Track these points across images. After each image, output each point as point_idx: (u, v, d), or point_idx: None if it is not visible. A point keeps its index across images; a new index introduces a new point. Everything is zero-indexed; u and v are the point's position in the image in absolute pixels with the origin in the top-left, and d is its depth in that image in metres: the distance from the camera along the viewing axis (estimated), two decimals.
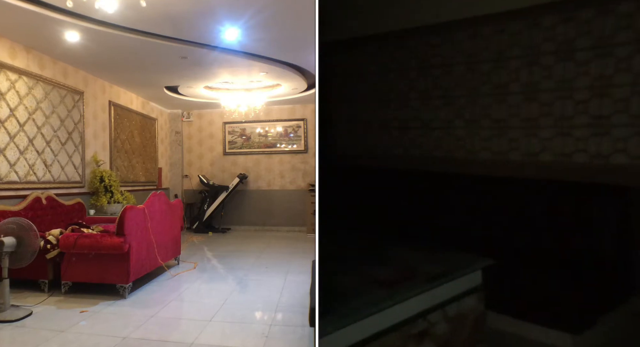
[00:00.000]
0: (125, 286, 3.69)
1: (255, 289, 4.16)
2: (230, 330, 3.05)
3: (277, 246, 6.65)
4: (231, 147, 8.66)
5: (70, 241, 3.71)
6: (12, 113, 4.31)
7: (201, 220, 8.00)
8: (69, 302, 3.57)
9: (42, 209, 4.52)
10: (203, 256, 5.86)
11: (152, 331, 2.97)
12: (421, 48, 3.16)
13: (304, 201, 8.02)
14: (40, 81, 4.74)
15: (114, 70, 5.66)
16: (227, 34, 4.33)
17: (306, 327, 2.99)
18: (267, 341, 2.81)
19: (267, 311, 3.46)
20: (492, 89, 2.88)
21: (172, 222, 4.87)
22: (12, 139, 4.31)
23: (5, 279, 3.19)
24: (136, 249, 3.82)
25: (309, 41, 4.50)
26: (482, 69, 2.91)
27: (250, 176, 8.47)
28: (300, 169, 8.38)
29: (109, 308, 3.44)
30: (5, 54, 4.26)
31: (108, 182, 5.65)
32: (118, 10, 3.39)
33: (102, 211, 5.49)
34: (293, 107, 8.34)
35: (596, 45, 2.50)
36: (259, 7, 3.71)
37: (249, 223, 8.44)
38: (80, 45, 4.51)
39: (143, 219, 4.03)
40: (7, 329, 2.96)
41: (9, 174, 4.27)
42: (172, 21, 4.00)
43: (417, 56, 3.19)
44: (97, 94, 5.98)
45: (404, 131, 3.31)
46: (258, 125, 8.51)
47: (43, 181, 4.77)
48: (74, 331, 2.94)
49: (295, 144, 8.45)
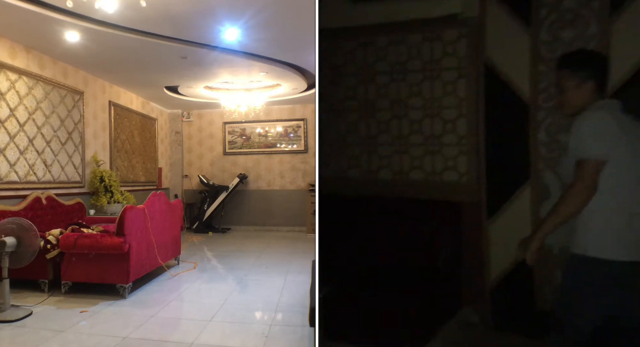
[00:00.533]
0: (125, 286, 3.69)
1: (255, 289, 4.16)
2: (230, 330, 3.05)
3: (277, 246, 6.65)
4: (231, 147, 8.65)
5: (70, 241, 3.71)
6: (12, 113, 4.31)
7: (201, 220, 8.00)
8: (69, 302, 3.57)
9: (42, 209, 4.52)
10: (203, 256, 5.86)
11: (152, 331, 2.97)
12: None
13: (304, 201, 8.02)
14: (40, 81, 4.73)
15: (114, 70, 5.66)
16: (227, 34, 4.33)
17: (306, 327, 2.99)
18: (267, 341, 2.81)
19: (267, 311, 3.46)
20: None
21: (172, 222, 4.87)
22: (12, 139, 4.31)
23: (5, 279, 3.19)
24: (136, 249, 3.81)
25: (309, 41, 4.50)
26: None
27: (250, 176, 8.47)
28: (300, 169, 8.38)
29: (109, 308, 3.44)
30: (5, 54, 4.26)
31: (108, 182, 5.65)
32: (118, 10, 3.39)
33: (102, 211, 5.49)
34: (293, 107, 8.34)
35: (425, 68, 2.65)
36: (259, 7, 3.70)
37: (249, 223, 8.44)
38: (80, 45, 4.51)
39: (143, 219, 4.03)
40: (7, 329, 2.96)
41: (9, 174, 4.27)
42: (172, 21, 3.99)
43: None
44: (97, 94, 5.98)
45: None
46: (258, 125, 8.51)
47: (43, 181, 4.77)
48: (74, 331, 2.94)
49: (295, 144, 8.45)
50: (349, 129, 2.91)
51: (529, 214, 2.44)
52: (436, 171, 2.67)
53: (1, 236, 3.15)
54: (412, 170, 2.74)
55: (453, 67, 2.60)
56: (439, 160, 2.67)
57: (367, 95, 2.84)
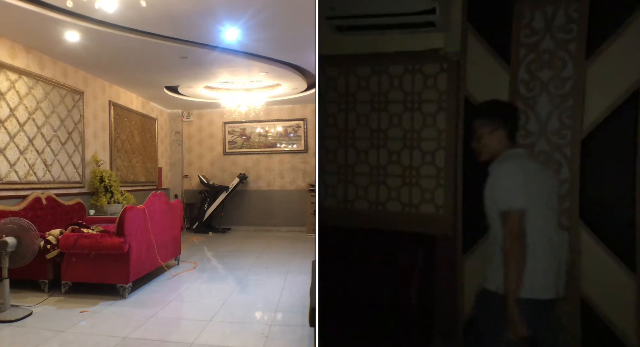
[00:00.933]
0: (125, 286, 3.69)
1: (255, 289, 4.16)
2: (230, 330, 3.05)
3: (277, 246, 6.65)
4: (231, 147, 8.65)
5: (70, 241, 3.71)
6: (12, 113, 4.31)
7: (201, 220, 8.00)
8: (69, 302, 3.57)
9: (42, 209, 4.52)
10: (203, 256, 5.86)
11: (152, 331, 2.97)
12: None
13: (304, 201, 8.02)
14: (40, 81, 4.73)
15: (114, 70, 5.66)
16: (227, 34, 4.33)
17: (306, 327, 2.99)
18: (267, 341, 2.81)
19: (267, 311, 3.46)
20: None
21: (172, 222, 4.87)
22: (12, 139, 4.31)
23: (5, 279, 3.19)
24: (136, 249, 3.81)
25: (309, 41, 4.50)
26: None
27: (250, 176, 8.47)
28: (300, 169, 8.38)
29: (108, 308, 3.44)
30: (5, 54, 4.26)
31: (108, 182, 5.65)
32: (118, 10, 3.39)
33: (102, 211, 5.49)
34: (293, 107, 8.34)
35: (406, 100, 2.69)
36: (259, 7, 3.70)
37: (249, 223, 8.44)
38: (80, 45, 4.51)
39: (143, 219, 4.03)
40: (7, 329, 2.96)
41: (9, 174, 4.27)
42: (172, 21, 3.99)
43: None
44: (97, 94, 5.98)
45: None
46: (258, 125, 8.51)
47: (43, 181, 4.77)
48: (74, 331, 2.94)
49: (295, 144, 8.45)
50: (329, 157, 2.93)
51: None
52: (413, 203, 2.70)
53: (2, 236, 3.15)
54: (389, 201, 2.78)
55: (433, 100, 2.65)
56: (416, 192, 2.70)
57: (347, 124, 2.87)
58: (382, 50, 2.72)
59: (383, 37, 2.69)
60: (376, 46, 2.74)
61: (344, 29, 2.63)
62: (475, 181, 2.14)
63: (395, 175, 2.76)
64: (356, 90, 2.83)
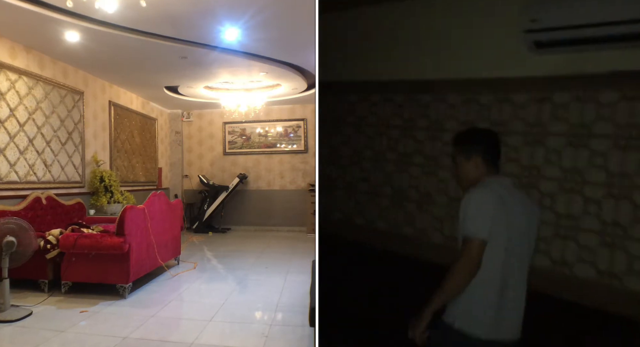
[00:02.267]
0: (125, 286, 3.69)
1: (255, 289, 4.16)
2: (230, 330, 3.05)
3: (277, 246, 6.65)
4: (231, 147, 8.65)
5: (70, 241, 3.71)
6: (12, 113, 4.31)
7: (201, 220, 8.00)
8: (69, 302, 3.57)
9: (42, 209, 4.52)
10: (203, 256, 5.86)
11: (152, 331, 2.97)
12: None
13: (304, 201, 8.02)
14: (40, 81, 4.73)
15: (114, 70, 5.66)
16: (227, 34, 4.33)
17: (306, 327, 2.99)
18: (267, 341, 2.82)
19: (267, 311, 3.46)
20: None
21: (172, 222, 4.87)
22: (12, 139, 4.31)
23: (5, 279, 3.19)
24: (136, 249, 3.81)
25: (309, 41, 4.50)
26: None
27: (250, 176, 8.47)
28: (300, 169, 8.38)
29: (108, 308, 3.44)
30: (5, 54, 4.25)
31: (108, 182, 5.65)
32: (118, 10, 3.38)
33: (102, 211, 5.49)
34: (293, 107, 8.34)
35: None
36: (259, 7, 3.70)
37: (249, 223, 8.44)
38: (80, 45, 4.51)
39: (143, 219, 4.03)
40: (7, 329, 2.96)
41: (9, 174, 4.27)
42: (172, 21, 3.99)
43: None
44: (97, 94, 5.98)
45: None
46: (258, 125, 8.51)
47: (43, 181, 4.77)
48: (74, 331, 2.94)
49: (295, 144, 8.45)
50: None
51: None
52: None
53: (5, 237, 3.15)
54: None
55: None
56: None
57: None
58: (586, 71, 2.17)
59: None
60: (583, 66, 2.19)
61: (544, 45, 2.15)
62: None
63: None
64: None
